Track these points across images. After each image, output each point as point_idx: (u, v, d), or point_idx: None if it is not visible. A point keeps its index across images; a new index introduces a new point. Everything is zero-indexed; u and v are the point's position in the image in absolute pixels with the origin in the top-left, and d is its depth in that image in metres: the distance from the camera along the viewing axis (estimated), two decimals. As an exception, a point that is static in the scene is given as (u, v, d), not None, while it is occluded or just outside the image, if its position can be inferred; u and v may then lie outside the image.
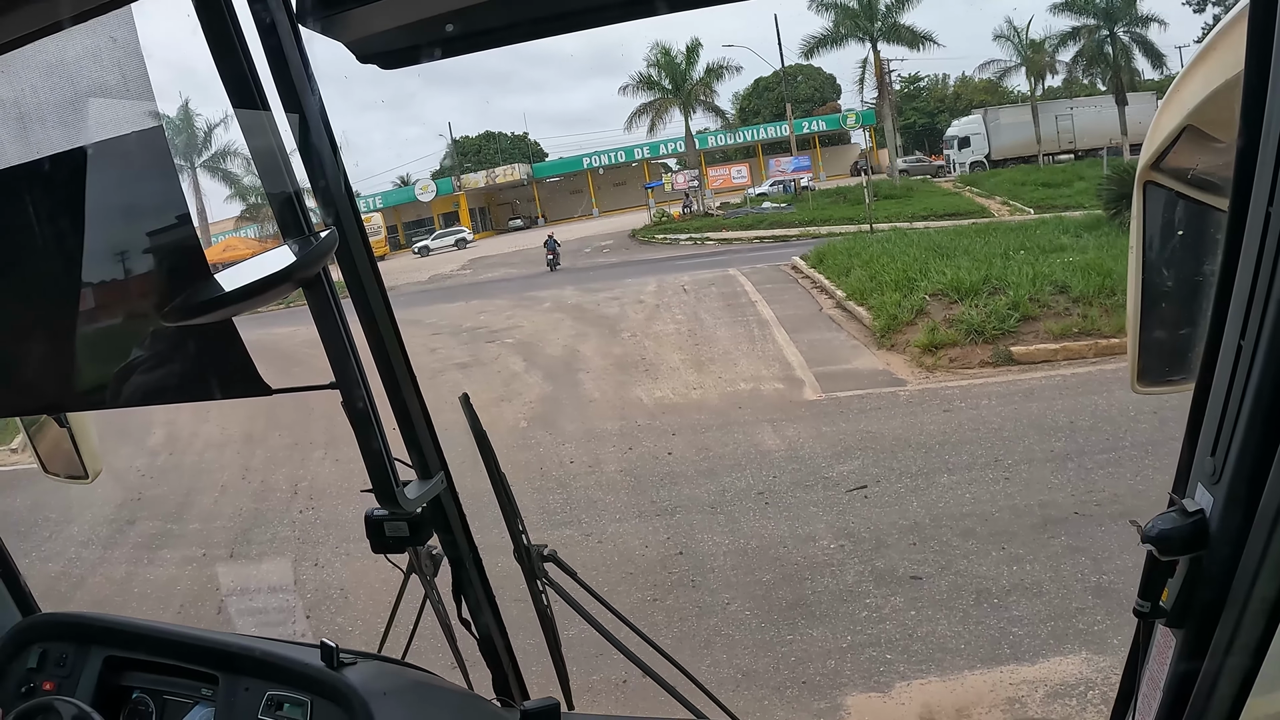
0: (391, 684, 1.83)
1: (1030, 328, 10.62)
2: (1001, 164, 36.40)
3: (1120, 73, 33.58)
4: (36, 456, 2.38)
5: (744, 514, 7.06)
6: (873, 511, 6.76)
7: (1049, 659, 4.64)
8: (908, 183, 35.11)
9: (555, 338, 15.11)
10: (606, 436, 9.59)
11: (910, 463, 7.61)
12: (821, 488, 7.38)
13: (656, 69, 37.80)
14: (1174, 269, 1.42)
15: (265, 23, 1.36)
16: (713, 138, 45.85)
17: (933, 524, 6.38)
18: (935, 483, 7.10)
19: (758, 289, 17.29)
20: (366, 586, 6.31)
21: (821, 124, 47.24)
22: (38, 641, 2.06)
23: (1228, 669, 0.98)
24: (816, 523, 6.71)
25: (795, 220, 30.14)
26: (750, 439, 8.83)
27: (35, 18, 1.36)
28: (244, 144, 1.47)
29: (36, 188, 1.45)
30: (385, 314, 1.66)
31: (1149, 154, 1.35)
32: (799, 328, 13.50)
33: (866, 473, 7.51)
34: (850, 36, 35.06)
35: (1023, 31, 35.07)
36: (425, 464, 1.82)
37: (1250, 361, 0.90)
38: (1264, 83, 0.88)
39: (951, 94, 50.21)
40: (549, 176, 50.83)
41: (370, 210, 44.28)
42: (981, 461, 7.40)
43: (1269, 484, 0.89)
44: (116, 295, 1.51)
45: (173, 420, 12.07)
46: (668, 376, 11.72)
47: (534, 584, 2.00)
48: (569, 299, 19.27)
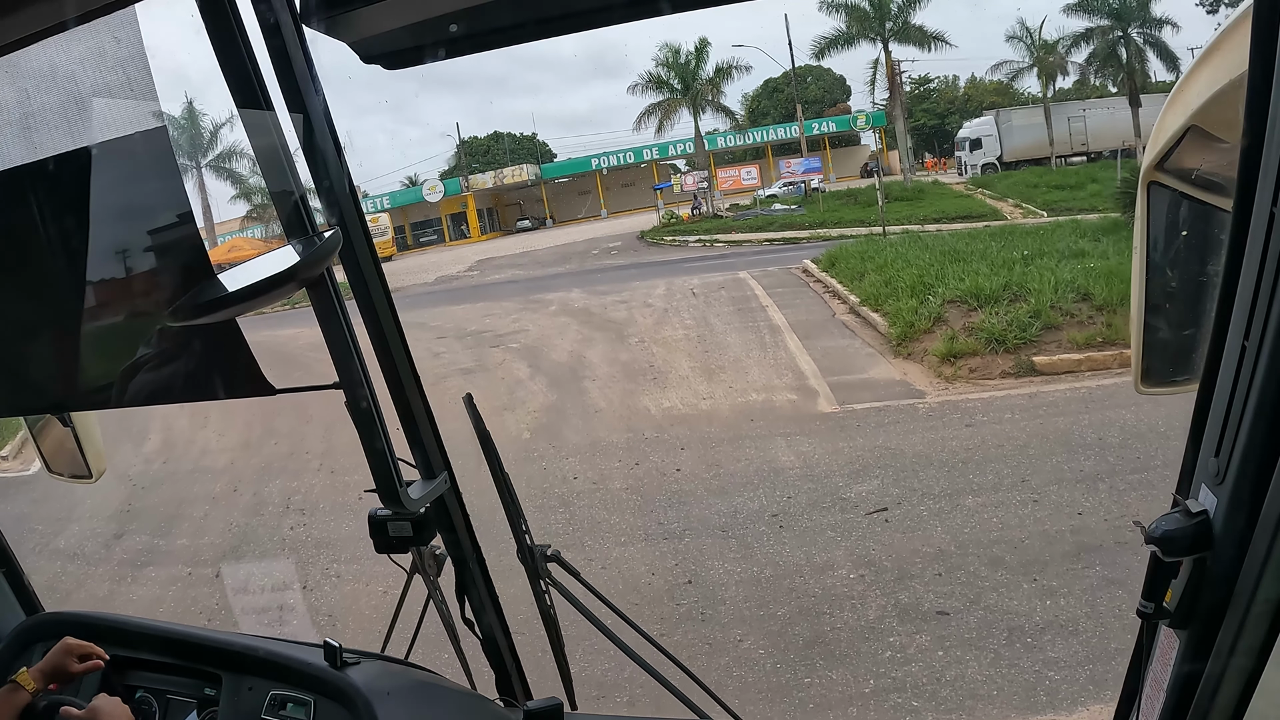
0: (395, 684, 1.83)
1: (1052, 337, 10.22)
2: (1013, 166, 35.77)
3: (1134, 74, 33.12)
4: (40, 456, 2.39)
5: (757, 538, 6.66)
6: (894, 537, 6.36)
7: (1088, 707, 4.29)
8: (919, 185, 34.33)
9: (561, 343, 14.65)
10: (612, 450, 9.19)
11: (932, 483, 7.20)
12: (839, 510, 6.95)
13: (665, 68, 37.38)
14: (1178, 269, 1.42)
15: (269, 23, 1.36)
16: (722, 139, 45.30)
17: (959, 551, 5.99)
18: (960, 505, 6.68)
19: (768, 293, 16.65)
20: (356, 613, 5.99)
21: (831, 125, 46.71)
22: (41, 640, 2.06)
23: (1231, 670, 0.97)
24: (835, 549, 6.31)
25: (805, 222, 29.43)
26: (763, 455, 8.39)
27: (39, 18, 1.36)
28: (249, 144, 1.47)
29: (41, 188, 1.45)
30: (389, 314, 1.67)
31: (1153, 154, 1.35)
32: (812, 334, 12.97)
33: (886, 493, 7.11)
34: (861, 37, 34.50)
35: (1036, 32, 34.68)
36: (429, 464, 1.82)
37: (1254, 362, 0.90)
38: (1268, 83, 0.88)
39: (961, 95, 49.67)
40: (557, 177, 50.30)
41: (378, 210, 44.02)
42: (1008, 482, 6.97)
43: (1273, 485, 0.89)
44: (120, 295, 1.51)
45: (170, 425, 11.86)
46: (676, 385, 11.28)
47: (537, 584, 2.01)
48: (576, 302, 18.71)
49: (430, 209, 46.98)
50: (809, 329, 13.28)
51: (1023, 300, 11.05)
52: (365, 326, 1.65)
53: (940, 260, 14.44)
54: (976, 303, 11.35)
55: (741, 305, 15.95)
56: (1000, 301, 11.19)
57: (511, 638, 2.13)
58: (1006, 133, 37.01)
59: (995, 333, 10.36)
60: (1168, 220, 1.39)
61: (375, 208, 44.72)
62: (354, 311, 1.60)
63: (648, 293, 18.56)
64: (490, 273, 29.36)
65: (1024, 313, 10.61)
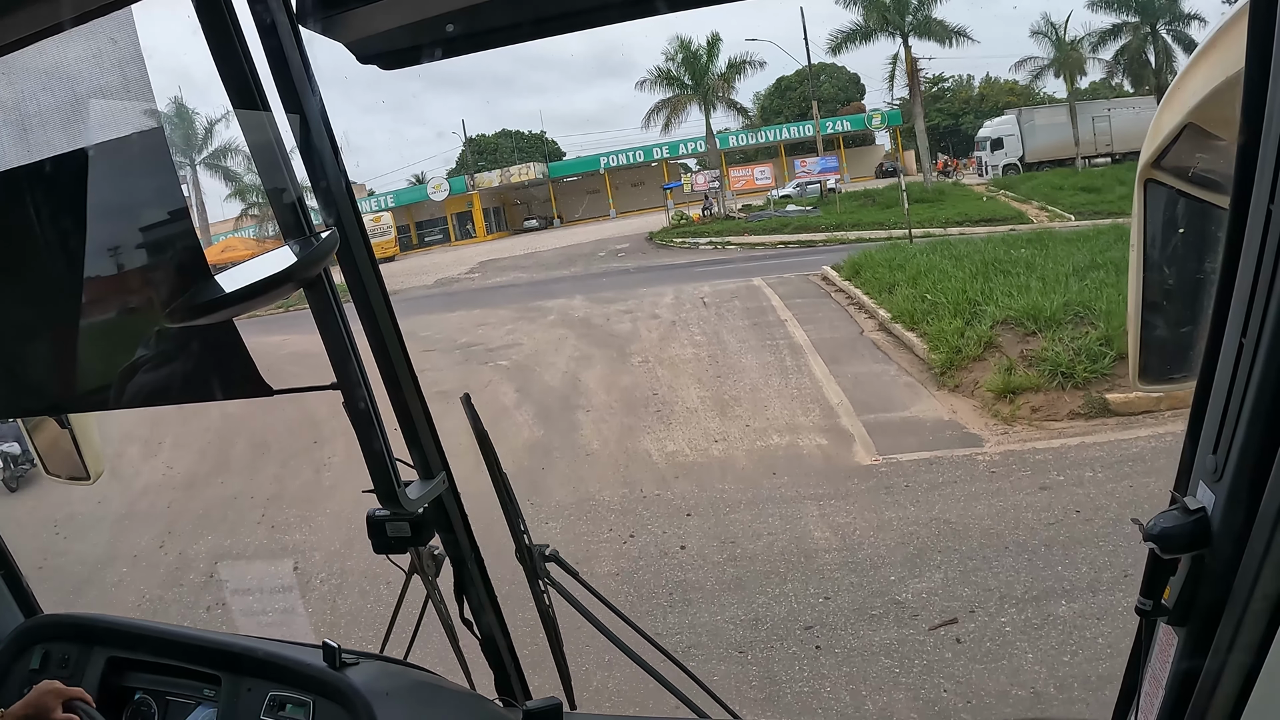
0: (394, 684, 1.83)
1: (1122, 368, 8.24)
2: (1035, 167, 34.69)
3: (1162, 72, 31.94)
4: (38, 457, 2.39)
5: (786, 666, 5.05)
6: (971, 668, 4.74)
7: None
8: (940, 186, 32.91)
9: (556, 360, 13.34)
10: (603, 512, 7.65)
11: (1012, 576, 5.59)
12: (893, 620, 5.34)
13: (675, 63, 35.95)
14: (1175, 267, 1.42)
15: (266, 23, 1.36)
16: (734, 137, 44.10)
17: (1060, 691, 4.40)
18: (1051, 614, 5.09)
19: (786, 304, 15.37)
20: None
21: (846, 124, 45.49)
22: (40, 642, 2.06)
23: (1230, 667, 0.97)
24: (894, 687, 4.69)
25: (822, 224, 28.23)
26: (790, 527, 6.82)
27: (36, 19, 1.36)
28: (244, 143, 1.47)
29: (38, 189, 1.45)
30: (386, 314, 1.66)
31: (1150, 152, 1.35)
32: (839, 356, 11.55)
33: (953, 593, 5.50)
34: (880, 31, 32.98)
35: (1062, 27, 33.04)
36: (427, 464, 1.82)
37: (1251, 359, 0.90)
38: (1265, 80, 0.88)
39: (976, 95, 49.01)
40: (565, 176, 49.23)
41: (381, 209, 43.19)
42: (1108, 577, 5.32)
43: (1270, 482, 0.89)
44: (117, 297, 1.51)
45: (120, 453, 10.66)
46: (683, 421, 9.86)
47: (536, 584, 2.01)
48: (577, 311, 17.57)
49: (436, 208, 46.28)
50: (835, 350, 11.93)
51: (1089, 323, 9.47)
52: (363, 327, 1.65)
53: (981, 271, 12.89)
54: (1034, 325, 9.75)
55: (757, 318, 14.64)
56: (1062, 324, 9.60)
57: (510, 638, 2.13)
58: (1029, 132, 35.97)
59: (1061, 364, 8.83)
60: (1165, 218, 1.39)
61: (379, 206, 44.01)
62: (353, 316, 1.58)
63: (655, 301, 17.42)
64: (492, 275, 28.48)
65: (1093, 339, 9.04)
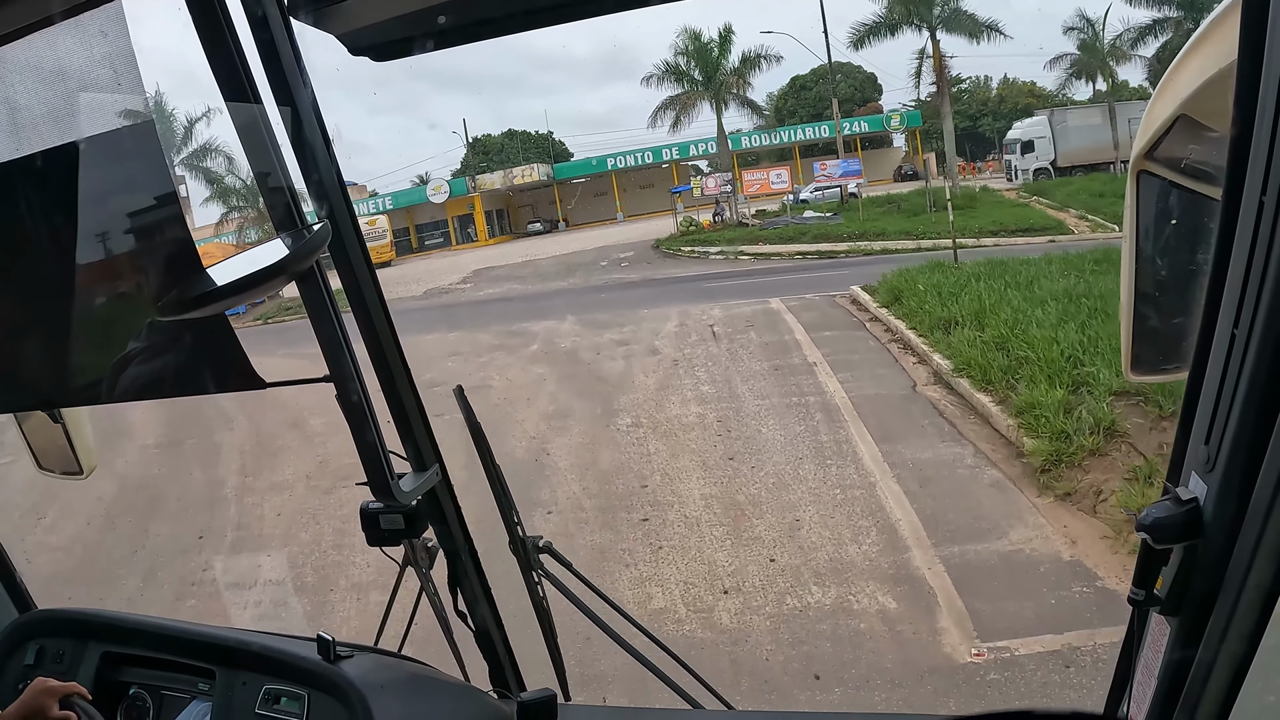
0: (388, 677, 1.83)
1: None
2: (1068, 171, 32.09)
3: None
4: (31, 452, 2.38)
5: None
6: None
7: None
8: (969, 191, 29.39)
9: (527, 416, 10.25)
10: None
11: None
12: None
13: (685, 57, 33.57)
14: (1168, 258, 1.42)
15: (257, 16, 1.35)
16: (747, 138, 41.38)
17: None
18: None
19: (813, 338, 12.28)
20: None
21: (864, 125, 43.04)
22: (35, 638, 2.06)
23: (1222, 656, 0.98)
24: None
25: (844, 233, 25.41)
26: None
27: (26, 13, 1.35)
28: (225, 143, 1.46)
29: (28, 184, 1.45)
30: (379, 307, 1.66)
31: (1143, 143, 1.35)
32: (891, 429, 8.27)
33: None
34: (905, 24, 30.61)
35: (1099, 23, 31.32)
36: (420, 456, 1.82)
37: (1244, 350, 0.91)
38: (1257, 72, 0.88)
39: (995, 96, 47.21)
40: (572, 178, 46.63)
41: (377, 212, 41.61)
42: None
43: (1263, 472, 0.89)
44: (109, 290, 1.51)
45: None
46: (681, 542, 6.53)
47: (529, 575, 2.01)
48: (564, 340, 14.87)
49: (436, 210, 44.79)
50: (884, 416, 8.70)
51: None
52: (355, 319, 1.65)
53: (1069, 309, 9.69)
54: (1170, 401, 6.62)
55: (779, 357, 11.56)
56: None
57: (504, 629, 2.14)
58: (1061, 134, 33.76)
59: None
60: (1157, 209, 1.39)
61: (377, 208, 42.48)
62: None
63: (655, 328, 14.66)
64: (484, 286, 26.39)
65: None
